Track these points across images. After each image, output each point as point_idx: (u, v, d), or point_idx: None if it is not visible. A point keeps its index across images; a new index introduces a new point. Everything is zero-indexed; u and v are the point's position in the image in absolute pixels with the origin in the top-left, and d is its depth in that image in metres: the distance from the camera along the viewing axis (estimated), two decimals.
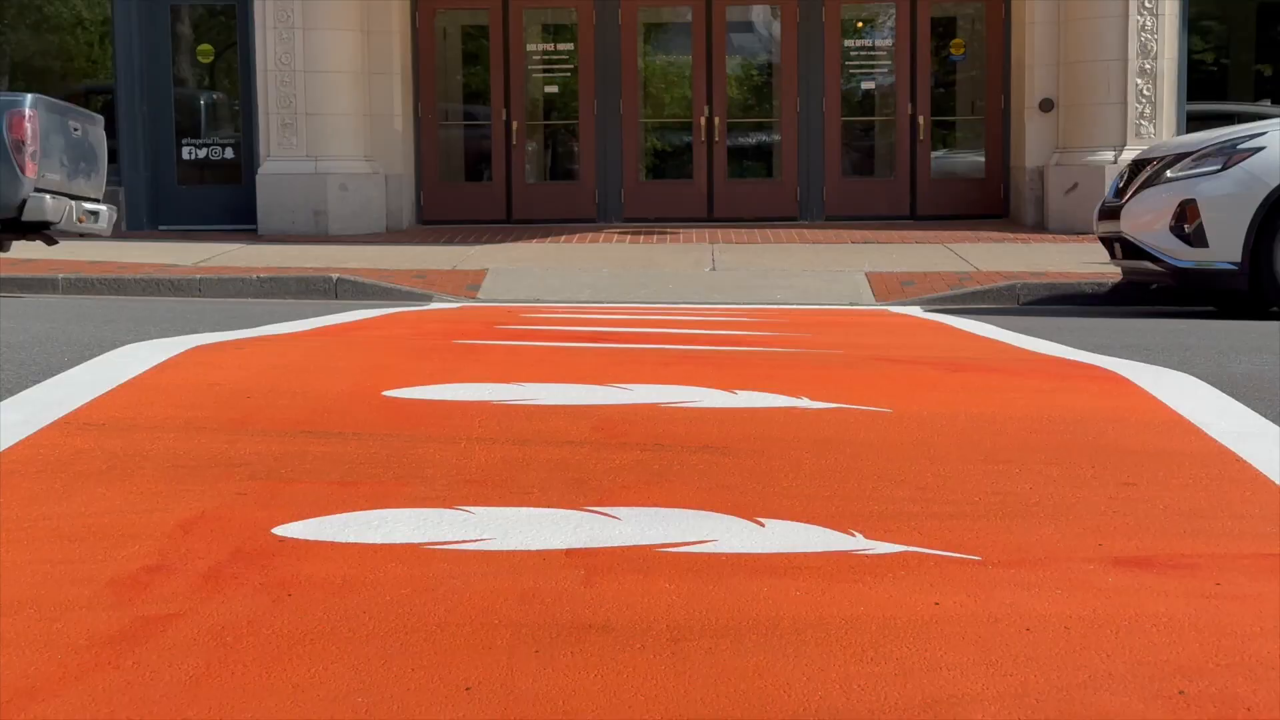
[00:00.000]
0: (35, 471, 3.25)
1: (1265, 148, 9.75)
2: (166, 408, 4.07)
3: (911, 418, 4.11)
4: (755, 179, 18.75)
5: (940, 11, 18.53)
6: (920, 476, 3.34)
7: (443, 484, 3.23)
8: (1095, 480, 3.30)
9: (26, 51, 18.26)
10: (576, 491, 3.17)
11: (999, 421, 4.10)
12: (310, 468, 3.37)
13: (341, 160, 16.87)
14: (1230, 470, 3.42)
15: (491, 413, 4.12)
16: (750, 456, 3.55)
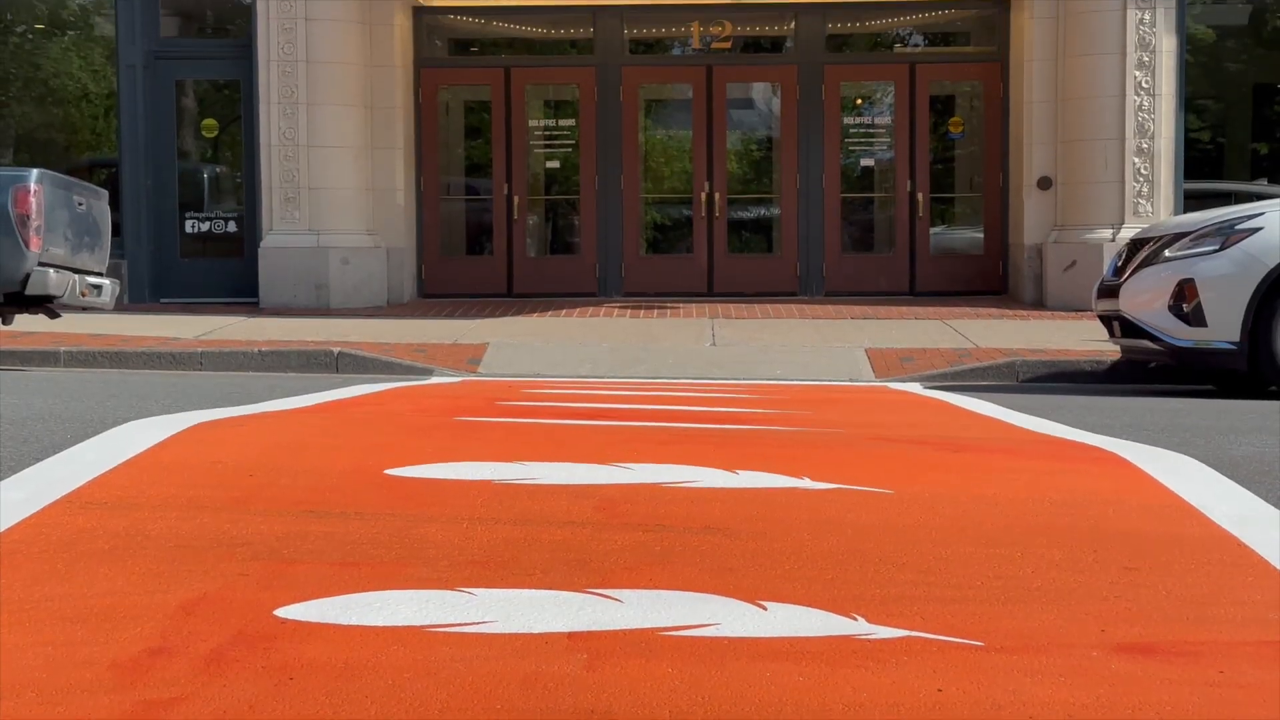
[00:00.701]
0: (37, 551, 3.25)
1: (1263, 228, 9.80)
2: (169, 486, 4.07)
3: (913, 499, 4.11)
4: (755, 254, 18.82)
5: (939, 89, 18.68)
6: (922, 559, 3.34)
7: (445, 565, 3.23)
8: (1097, 565, 3.30)
9: (31, 124, 18.39)
10: (578, 573, 3.17)
11: (1000, 504, 4.10)
12: (312, 548, 3.37)
13: (343, 234, 16.96)
14: (1232, 555, 3.42)
15: (493, 492, 4.12)
16: (752, 538, 3.55)
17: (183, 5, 18.19)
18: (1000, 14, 17.86)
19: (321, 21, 16.78)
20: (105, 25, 17.79)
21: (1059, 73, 16.83)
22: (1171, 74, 16.40)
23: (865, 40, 19.10)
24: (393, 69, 17.38)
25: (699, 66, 18.54)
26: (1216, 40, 17.61)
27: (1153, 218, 16.08)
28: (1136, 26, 16.30)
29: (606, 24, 18.27)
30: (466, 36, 19.10)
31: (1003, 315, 15.99)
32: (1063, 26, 16.74)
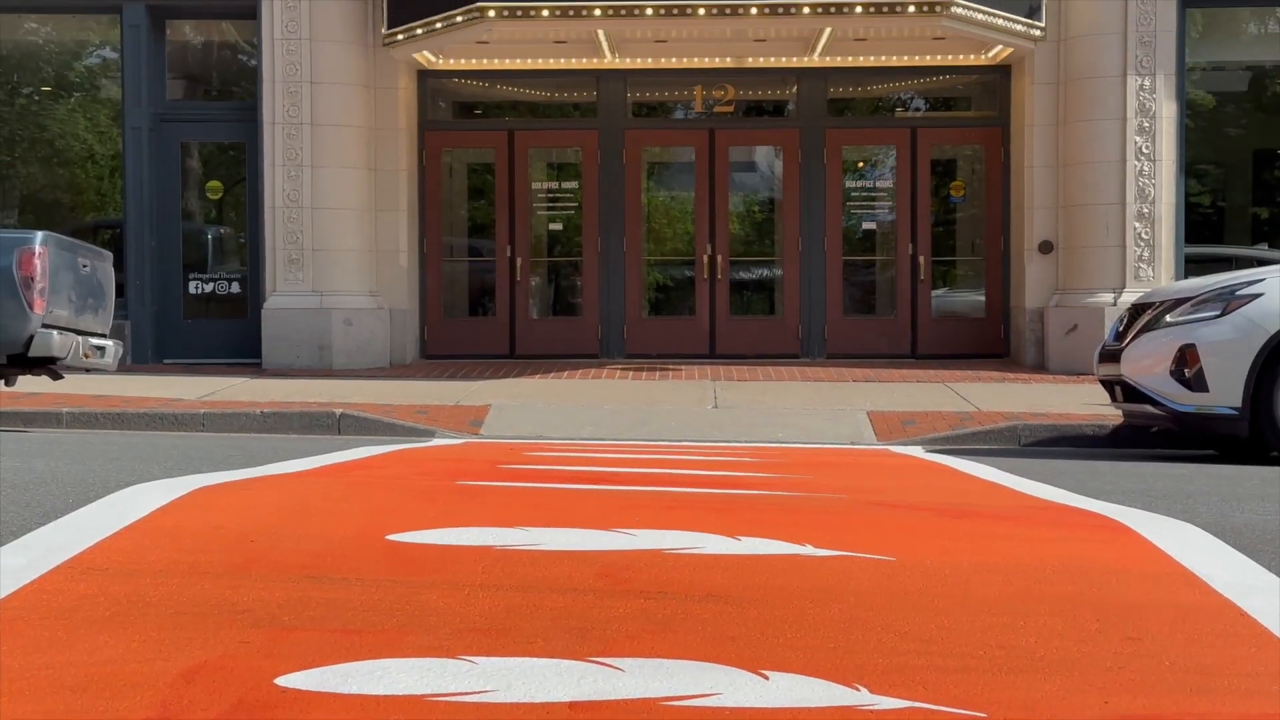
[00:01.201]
0: (38, 618, 3.25)
1: (1264, 294, 9.82)
2: (170, 552, 4.07)
3: (915, 567, 4.10)
4: (757, 316, 18.86)
5: (940, 153, 18.78)
6: (924, 628, 3.34)
7: (446, 632, 3.23)
8: (1100, 634, 3.29)
9: (37, 184, 18.47)
10: (580, 641, 3.16)
11: (1003, 572, 4.09)
12: (313, 615, 3.36)
13: (347, 295, 17.00)
14: (1235, 625, 3.41)
15: (495, 558, 4.12)
16: (754, 606, 3.55)
17: (189, 68, 18.31)
18: (1001, 80, 17.97)
19: (326, 85, 16.89)
20: (112, 87, 17.91)
21: (1060, 138, 16.92)
22: (1172, 139, 16.49)
23: (867, 104, 19.20)
24: (397, 131, 17.48)
25: (701, 130, 18.64)
26: (1216, 106, 17.70)
27: (1154, 282, 16.12)
28: (1137, 93, 16.40)
29: (610, 87, 18.38)
30: (470, 99, 19.21)
31: (1004, 378, 16.00)
32: (1063, 92, 16.84)
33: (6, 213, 18.35)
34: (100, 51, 18.29)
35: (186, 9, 17.42)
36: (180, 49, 18.13)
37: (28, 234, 11.20)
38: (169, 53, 17.66)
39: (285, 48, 16.86)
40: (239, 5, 17.12)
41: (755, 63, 18.11)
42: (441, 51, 17.52)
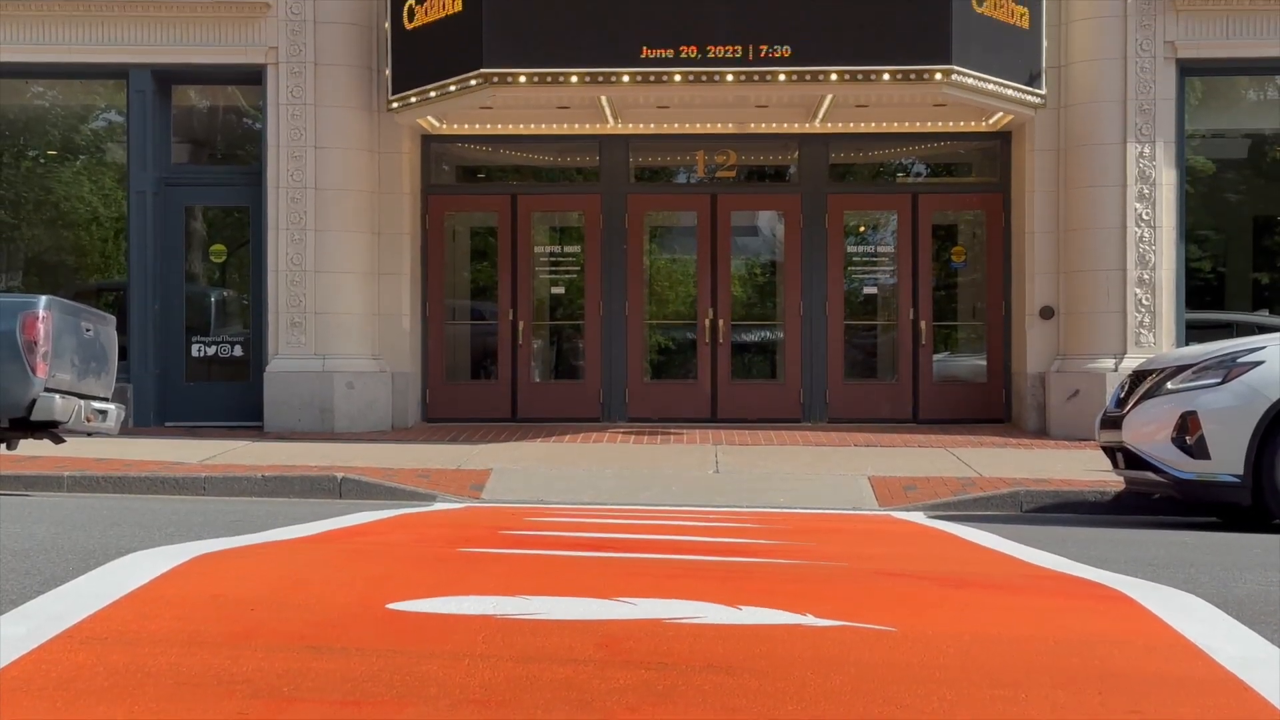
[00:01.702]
0: (37, 688, 3.24)
1: (1265, 362, 9.84)
2: (170, 620, 4.06)
3: (917, 637, 4.09)
4: (759, 380, 18.89)
5: (942, 219, 18.85)
6: (926, 701, 3.33)
7: (445, 704, 3.22)
8: (1102, 708, 3.28)
9: (41, 246, 18.54)
10: (580, 713, 3.15)
11: (1005, 643, 4.08)
12: (313, 685, 3.35)
13: (349, 358, 17.03)
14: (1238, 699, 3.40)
15: (495, 627, 4.11)
16: (755, 676, 3.54)
17: (194, 133, 18.43)
18: (1002, 146, 18.06)
19: (331, 150, 17.00)
20: (117, 150, 18.01)
21: (1060, 204, 16.99)
22: (1172, 206, 16.56)
23: (868, 169, 19.30)
24: (400, 195, 17.56)
25: (704, 194, 18.72)
26: (1216, 172, 17.79)
27: (1155, 348, 16.15)
28: (1137, 160, 16.49)
29: (612, 152, 18.48)
30: (474, 163, 19.31)
31: (1006, 444, 15.99)
32: (1064, 159, 16.93)
33: (11, 274, 18.41)
34: (106, 115, 18.41)
35: (192, 74, 17.53)
36: (185, 113, 18.26)
37: (31, 298, 11.23)
38: (174, 117, 17.77)
39: (290, 113, 16.98)
40: (244, 71, 17.24)
41: (757, 128, 18.21)
42: (445, 116, 17.63)
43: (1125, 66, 16.54)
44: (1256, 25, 16.48)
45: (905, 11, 15.36)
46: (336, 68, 17.05)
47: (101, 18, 16.91)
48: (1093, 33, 16.70)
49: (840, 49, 15.43)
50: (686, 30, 15.40)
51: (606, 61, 15.52)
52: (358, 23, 17.18)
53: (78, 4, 16.81)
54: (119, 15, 16.91)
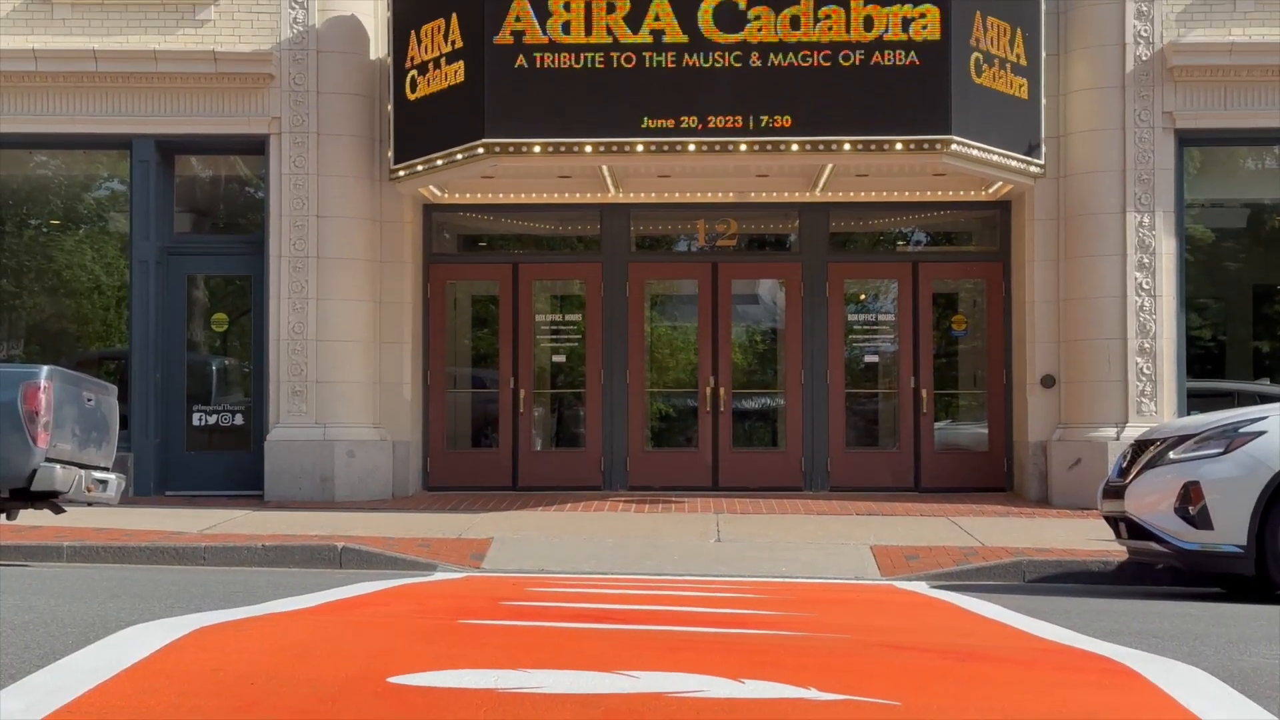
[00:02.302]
0: None
1: (1267, 432, 9.84)
2: (169, 695, 4.03)
3: (920, 712, 4.07)
4: (760, 449, 18.87)
5: (942, 287, 18.89)
6: None
7: None
8: None
9: (43, 314, 18.57)
10: None
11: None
12: None
13: (350, 427, 17.02)
14: None
15: (496, 701, 4.09)
16: None
17: (196, 202, 18.51)
18: (1002, 215, 18.12)
19: (333, 219, 17.06)
20: (119, 219, 18.07)
21: (1060, 273, 17.04)
22: (1172, 275, 16.61)
23: (868, 238, 19.37)
24: (402, 264, 17.60)
25: (704, 263, 18.78)
26: (1216, 241, 17.85)
27: (1156, 417, 16.14)
28: (1136, 229, 16.55)
29: (613, 221, 18.54)
30: (475, 232, 19.39)
31: (1008, 513, 15.95)
32: (1064, 228, 16.99)
33: (12, 343, 18.44)
34: (109, 184, 18.49)
35: (196, 144, 17.61)
36: (188, 182, 18.34)
37: (33, 369, 11.26)
38: (177, 186, 17.85)
39: (293, 182, 17.05)
40: (248, 141, 17.33)
41: (758, 197, 18.29)
42: (447, 186, 17.71)
43: (1124, 137, 16.63)
44: (1254, 96, 16.59)
45: (905, 82, 15.44)
46: (339, 137, 17.14)
47: (106, 89, 17.01)
48: (1091, 103, 16.81)
49: (840, 119, 15.51)
50: (687, 101, 15.49)
51: (607, 131, 15.59)
52: (360, 93, 17.30)
53: (82, 75, 16.92)
54: (123, 86, 17.01)
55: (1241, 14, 16.62)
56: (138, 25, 17.07)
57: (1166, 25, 16.62)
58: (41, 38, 16.98)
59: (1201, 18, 16.63)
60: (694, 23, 15.47)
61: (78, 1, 17.05)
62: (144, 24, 17.08)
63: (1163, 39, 16.59)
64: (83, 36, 17.01)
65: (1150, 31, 16.63)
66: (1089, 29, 16.84)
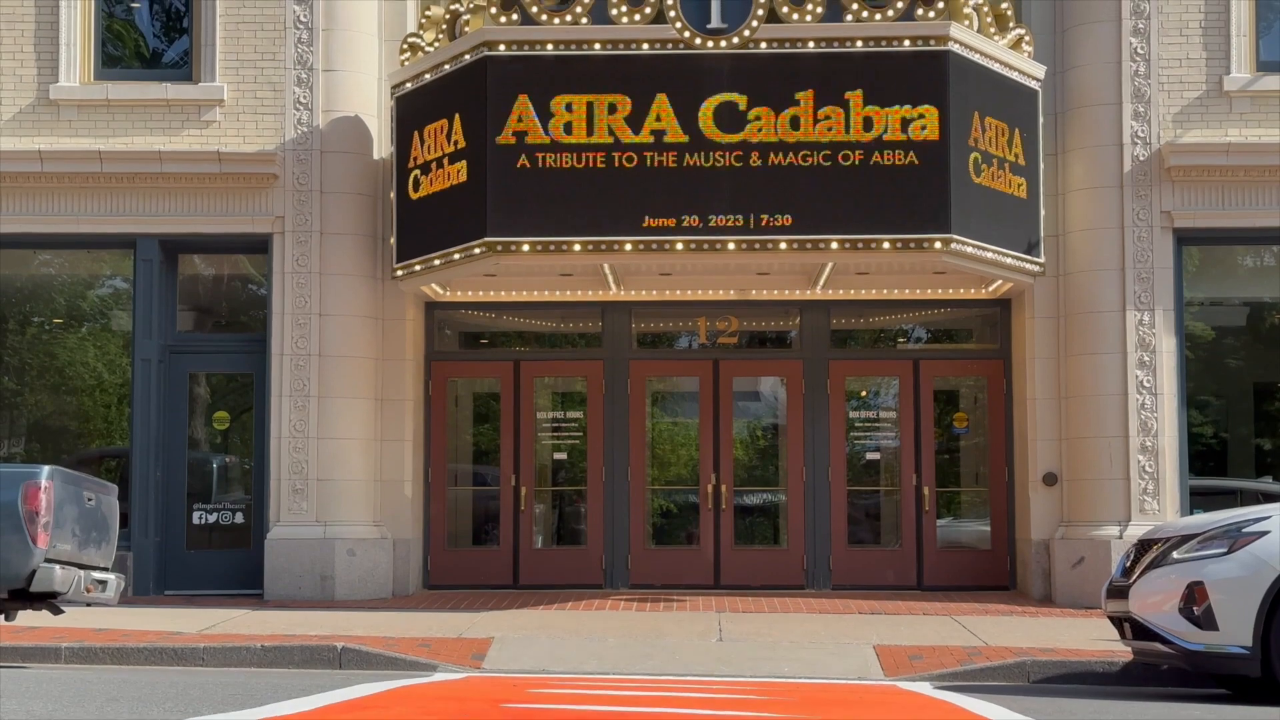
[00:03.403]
0: None
1: (1270, 532, 9.85)
2: None
3: None
4: (762, 546, 18.82)
5: (943, 384, 18.92)
6: None
7: None
8: None
9: (44, 411, 18.57)
10: None
11: None
12: None
13: (350, 525, 16.98)
14: None
15: None
16: None
17: (199, 300, 18.58)
18: (1002, 313, 18.19)
19: (335, 317, 17.12)
20: (122, 316, 18.13)
21: (1061, 371, 17.08)
22: (1172, 373, 16.64)
23: (869, 335, 19.43)
24: (404, 362, 17.64)
25: (706, 360, 18.81)
26: (1216, 338, 17.88)
27: (1159, 515, 16.12)
28: (1136, 327, 16.60)
29: (615, 319, 18.60)
30: (477, 329, 19.44)
31: (1012, 611, 15.87)
32: (1063, 326, 17.05)
33: (14, 440, 18.44)
34: (112, 281, 18.57)
35: (199, 244, 17.70)
36: (191, 280, 18.41)
37: (34, 469, 11.24)
38: (180, 284, 17.92)
39: (295, 281, 17.13)
40: (251, 240, 17.43)
41: (758, 294, 18.35)
42: (449, 284, 17.79)
43: (1123, 236, 16.73)
44: (1251, 196, 16.71)
45: (905, 181, 15.54)
46: (342, 236, 17.25)
47: (110, 189, 17.14)
48: (1090, 202, 16.93)
49: (841, 218, 15.58)
50: (688, 200, 15.58)
51: (609, 230, 15.68)
52: (363, 192, 17.42)
53: (87, 176, 17.05)
54: (128, 187, 17.14)
55: (1238, 115, 16.78)
56: (143, 126, 17.25)
57: (1163, 126, 16.78)
58: (48, 139, 17.15)
59: (1198, 118, 16.80)
60: (695, 123, 15.60)
61: (84, 103, 17.24)
62: (149, 125, 17.25)
63: (1160, 139, 16.74)
64: (88, 138, 17.18)
65: (1147, 132, 16.78)
66: (1086, 129, 17.00)
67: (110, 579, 12.12)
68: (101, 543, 12.16)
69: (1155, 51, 16.83)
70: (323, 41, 17.30)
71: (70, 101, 17.25)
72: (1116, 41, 16.88)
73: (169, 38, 18.37)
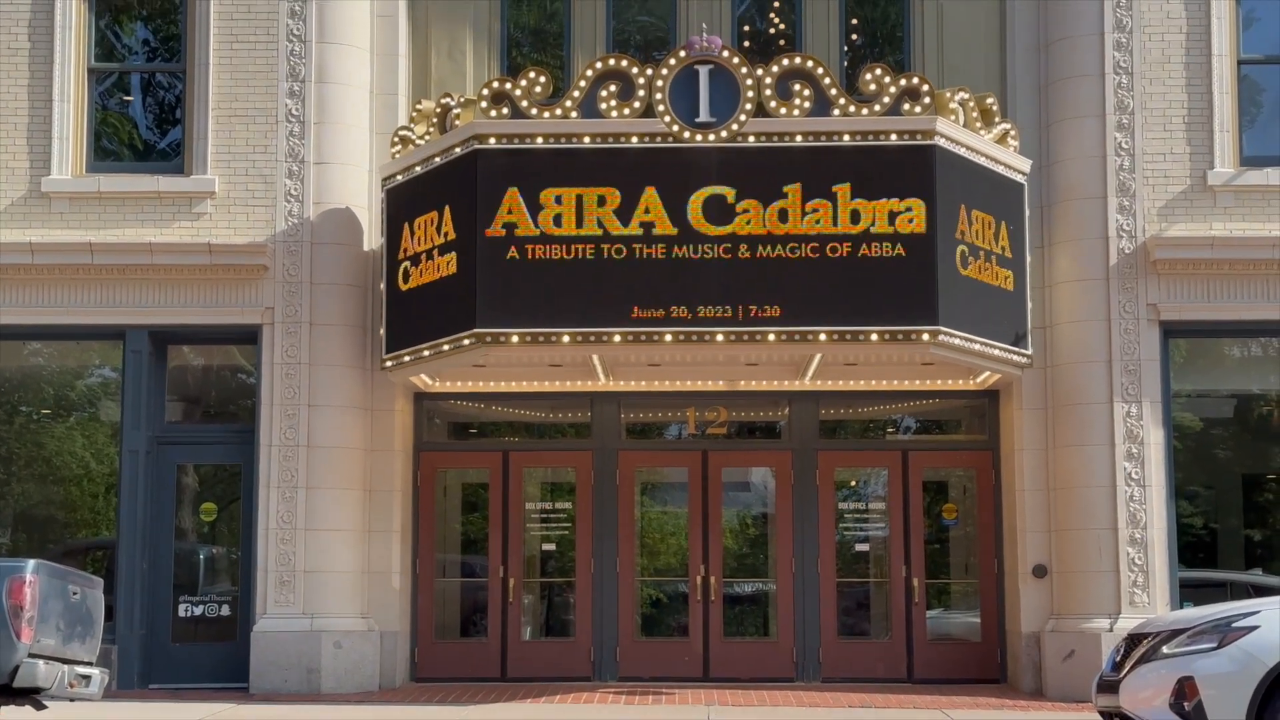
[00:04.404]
0: None
1: (1260, 626, 9.87)
2: None
3: None
4: (752, 638, 18.71)
5: (932, 475, 18.89)
6: None
7: None
8: None
9: (31, 501, 18.50)
10: None
11: None
12: None
13: (337, 618, 16.88)
14: None
15: None
16: None
17: (188, 390, 18.57)
18: (990, 404, 18.22)
19: (324, 408, 17.11)
20: (111, 406, 18.11)
21: (1049, 462, 17.09)
22: (1160, 465, 16.66)
23: (858, 426, 19.43)
24: (392, 453, 17.62)
25: (695, 451, 18.78)
26: (1204, 429, 17.91)
27: (1149, 607, 16.08)
28: (1124, 419, 16.64)
29: (604, 409, 18.61)
30: (466, 420, 19.42)
31: (1003, 704, 15.80)
32: (1051, 417, 17.09)
33: (0, 530, 18.36)
34: (101, 371, 18.56)
35: (189, 335, 17.74)
36: (180, 371, 18.40)
37: (19, 563, 11.17)
38: (169, 375, 17.91)
39: (284, 372, 17.15)
40: (240, 331, 17.45)
41: (747, 385, 18.37)
42: (439, 374, 17.77)
43: (1109, 328, 16.80)
44: (1237, 289, 16.83)
45: (893, 273, 15.61)
46: (331, 327, 17.27)
47: (100, 280, 17.19)
48: (1076, 295, 17.02)
49: (829, 310, 15.62)
50: (677, 292, 15.63)
51: (598, 322, 15.71)
52: (353, 283, 17.48)
53: (78, 268, 17.11)
54: (118, 278, 17.19)
55: (1222, 209, 16.93)
56: (134, 218, 17.33)
57: (1148, 219, 16.92)
58: (39, 231, 17.22)
59: (1183, 212, 16.93)
60: (683, 216, 15.69)
61: (76, 195, 17.34)
62: (140, 217, 17.33)
63: (1145, 233, 16.87)
64: (79, 229, 17.26)
65: (1133, 225, 16.91)
66: (1072, 222, 17.12)
67: (94, 674, 12.02)
68: (86, 637, 12.07)
69: (1140, 146, 17.00)
70: (314, 134, 17.43)
71: (62, 194, 17.35)
72: (1101, 136, 17.05)
73: (161, 129, 18.49)
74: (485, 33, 18.45)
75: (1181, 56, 17.18)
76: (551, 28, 18.88)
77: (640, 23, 18.96)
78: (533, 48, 18.90)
